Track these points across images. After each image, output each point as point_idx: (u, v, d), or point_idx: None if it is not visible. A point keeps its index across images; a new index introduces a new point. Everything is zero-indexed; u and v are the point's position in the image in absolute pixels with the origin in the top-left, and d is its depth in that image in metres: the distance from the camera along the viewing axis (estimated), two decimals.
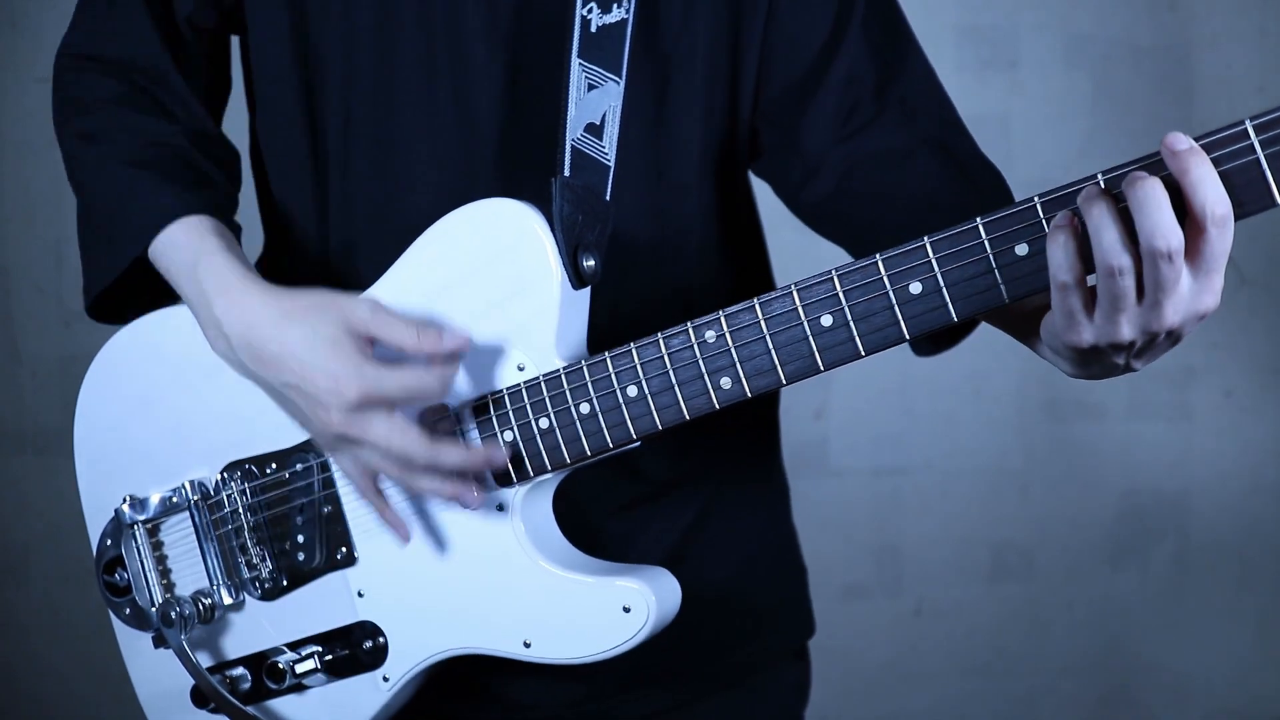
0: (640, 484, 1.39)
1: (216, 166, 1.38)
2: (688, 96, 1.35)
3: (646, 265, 1.36)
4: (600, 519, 1.38)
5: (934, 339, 1.29)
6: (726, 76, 1.36)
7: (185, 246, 1.28)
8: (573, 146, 1.24)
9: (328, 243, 1.38)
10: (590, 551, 1.29)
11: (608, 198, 1.25)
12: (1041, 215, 1.04)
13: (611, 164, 1.26)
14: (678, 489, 1.42)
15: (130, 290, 1.37)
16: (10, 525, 3.00)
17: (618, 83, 1.27)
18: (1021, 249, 1.05)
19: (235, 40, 1.47)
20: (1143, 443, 3.18)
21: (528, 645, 1.25)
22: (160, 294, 1.35)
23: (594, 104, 1.26)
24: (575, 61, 1.25)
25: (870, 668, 3.14)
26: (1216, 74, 3.10)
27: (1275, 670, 3.23)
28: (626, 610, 1.21)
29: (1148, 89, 3.11)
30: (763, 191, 1.49)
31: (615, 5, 1.27)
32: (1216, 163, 0.97)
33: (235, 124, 1.49)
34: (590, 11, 1.26)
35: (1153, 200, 0.96)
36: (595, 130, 1.26)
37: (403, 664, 1.30)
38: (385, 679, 1.31)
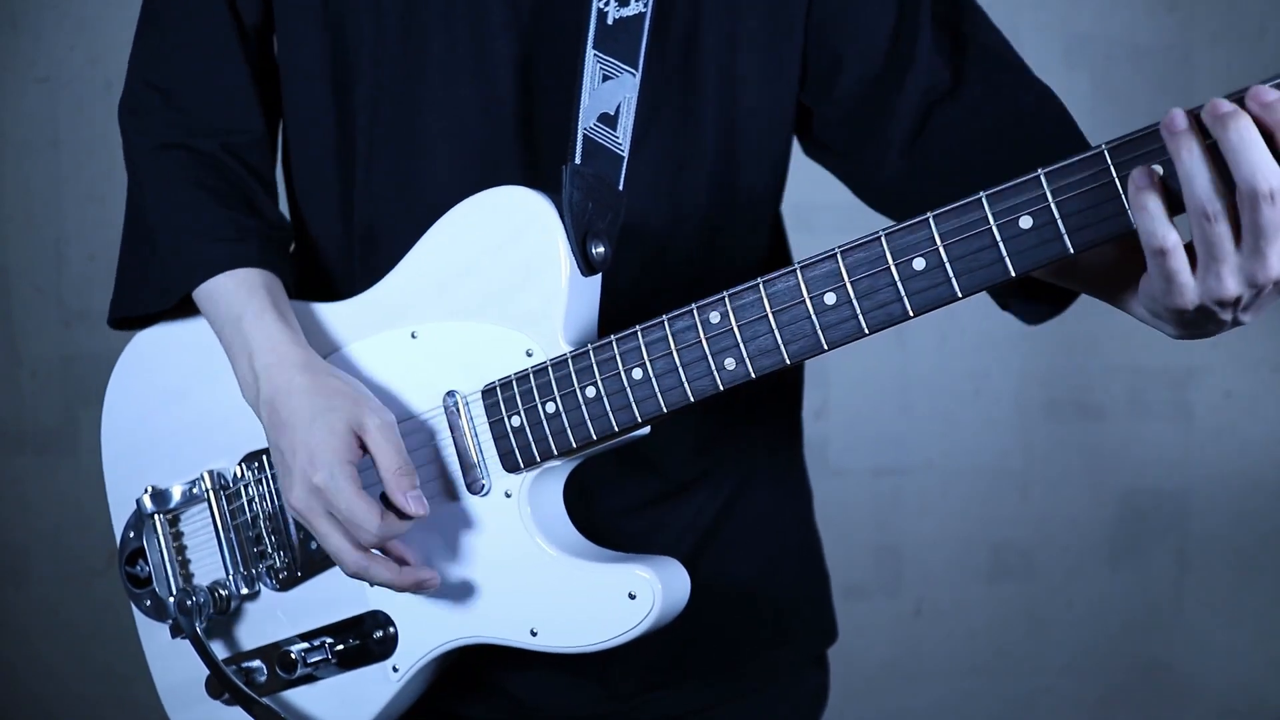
0: (661, 482, 1.39)
1: (265, 190, 1.41)
2: (713, 92, 1.35)
3: (666, 255, 1.36)
4: (620, 517, 1.38)
5: (1036, 304, 1.25)
6: (758, 72, 1.36)
7: (233, 300, 1.32)
8: (585, 135, 1.24)
9: (351, 233, 1.40)
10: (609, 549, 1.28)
11: (620, 187, 1.26)
12: (1046, 188, 1.02)
13: (625, 154, 1.26)
14: (698, 488, 1.41)
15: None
16: (10, 525, 3.00)
17: (633, 75, 1.27)
18: (1025, 221, 1.03)
19: None
20: (1143, 443, 3.18)
21: (534, 634, 1.24)
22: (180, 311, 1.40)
23: (608, 94, 1.26)
24: (590, 52, 1.26)
25: (870, 668, 3.14)
26: (1216, 74, 3.10)
27: (1275, 670, 3.23)
28: (632, 597, 1.20)
29: (1148, 89, 3.11)
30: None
31: None
32: None
33: None
34: (607, 5, 1.27)
35: (1249, 139, 0.91)
36: (609, 120, 1.26)
37: (412, 654, 1.30)
38: (395, 669, 1.31)
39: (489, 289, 1.25)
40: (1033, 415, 3.17)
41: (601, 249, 1.22)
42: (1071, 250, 1.02)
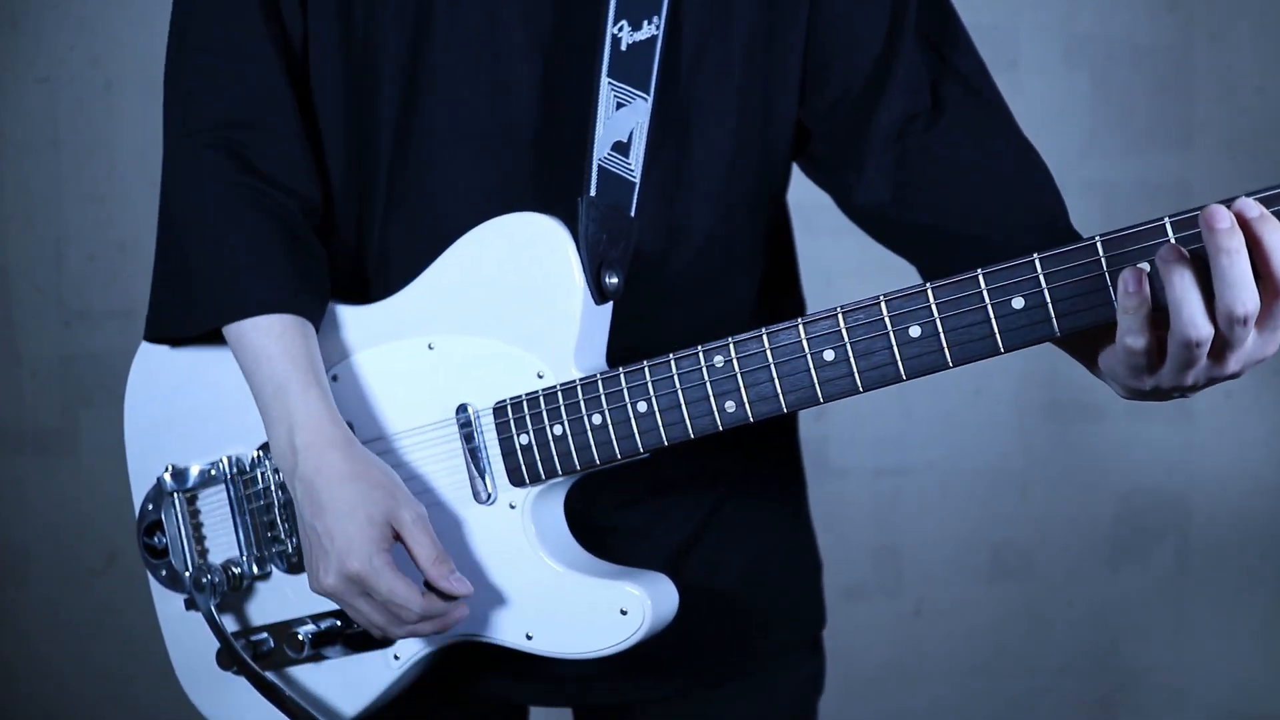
0: (655, 478, 1.40)
1: (314, 232, 1.38)
2: (718, 107, 1.36)
3: (668, 276, 1.38)
4: (614, 512, 1.41)
5: None
6: (762, 83, 1.37)
7: (275, 361, 1.31)
8: (599, 166, 1.28)
9: (366, 254, 1.41)
10: (603, 544, 1.34)
11: (633, 213, 1.29)
12: (1040, 271, 1.06)
13: (637, 180, 1.30)
14: (692, 484, 1.44)
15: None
16: (10, 525, 3.00)
17: (645, 99, 1.30)
18: (1018, 302, 1.08)
19: None
20: (1143, 443, 3.18)
21: (529, 638, 1.31)
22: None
23: (621, 122, 1.30)
24: (604, 81, 1.29)
25: (870, 668, 3.14)
26: (1216, 74, 3.10)
27: (1276, 670, 3.23)
28: (623, 613, 1.27)
29: (1148, 89, 3.11)
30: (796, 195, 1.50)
31: (646, 22, 1.30)
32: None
33: None
34: (621, 30, 1.29)
35: (1239, 268, 0.95)
36: (622, 148, 1.30)
37: (413, 644, 1.36)
38: (396, 657, 1.37)
39: (506, 309, 1.30)
40: (1033, 416, 3.17)
41: (615, 280, 1.27)
42: (1058, 333, 1.07)
